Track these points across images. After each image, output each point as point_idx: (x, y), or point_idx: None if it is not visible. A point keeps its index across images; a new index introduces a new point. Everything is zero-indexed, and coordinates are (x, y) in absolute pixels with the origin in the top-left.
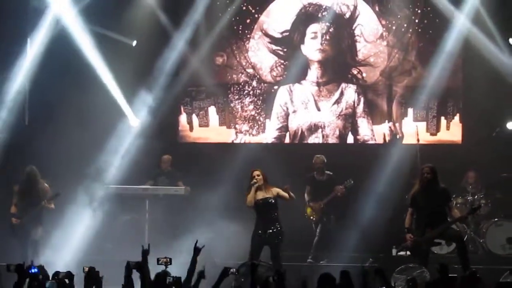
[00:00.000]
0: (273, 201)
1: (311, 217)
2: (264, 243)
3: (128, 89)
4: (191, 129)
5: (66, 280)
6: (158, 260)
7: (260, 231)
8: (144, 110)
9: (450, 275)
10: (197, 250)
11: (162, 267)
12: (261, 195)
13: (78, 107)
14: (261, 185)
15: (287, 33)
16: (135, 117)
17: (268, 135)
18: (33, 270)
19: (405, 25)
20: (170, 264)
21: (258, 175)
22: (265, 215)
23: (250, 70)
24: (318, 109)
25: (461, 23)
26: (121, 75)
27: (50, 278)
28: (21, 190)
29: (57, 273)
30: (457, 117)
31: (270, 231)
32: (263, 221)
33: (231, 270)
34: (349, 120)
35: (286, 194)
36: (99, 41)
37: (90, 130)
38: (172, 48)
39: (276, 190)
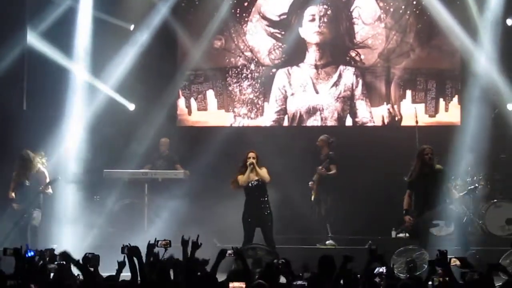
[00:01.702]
0: (264, 183)
1: (311, 197)
2: (256, 225)
3: (127, 74)
4: (190, 113)
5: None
6: (157, 242)
7: (252, 213)
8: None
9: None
10: (185, 243)
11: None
12: (253, 177)
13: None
14: (254, 167)
15: (285, 16)
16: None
17: (267, 118)
18: (29, 254)
19: (403, 6)
20: (170, 246)
21: (253, 157)
22: (257, 197)
23: (248, 53)
24: (317, 92)
25: None
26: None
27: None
28: (18, 176)
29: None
30: (455, 99)
31: (263, 213)
32: (254, 203)
33: (228, 251)
34: (348, 103)
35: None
36: (98, 26)
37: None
38: (168, 32)
39: (264, 171)
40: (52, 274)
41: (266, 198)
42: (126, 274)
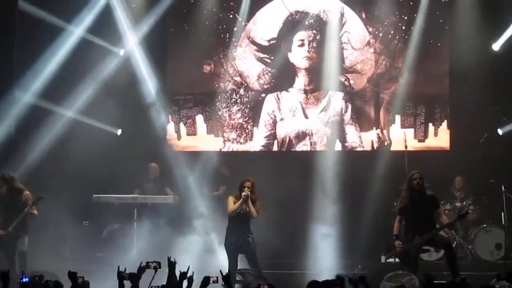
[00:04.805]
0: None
1: None
2: (239, 251)
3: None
4: (179, 137)
5: None
6: (147, 264)
7: (234, 240)
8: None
9: (438, 281)
10: (171, 265)
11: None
12: (244, 206)
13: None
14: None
15: (274, 41)
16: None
17: (256, 143)
18: (24, 280)
19: (392, 32)
20: (160, 268)
21: (248, 187)
22: (242, 224)
23: (238, 78)
24: (306, 117)
25: None
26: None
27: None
28: (1, 199)
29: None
30: (444, 123)
31: (246, 239)
32: (238, 229)
33: (212, 278)
34: (337, 128)
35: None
36: (88, 47)
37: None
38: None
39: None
40: None
41: (249, 224)
42: None
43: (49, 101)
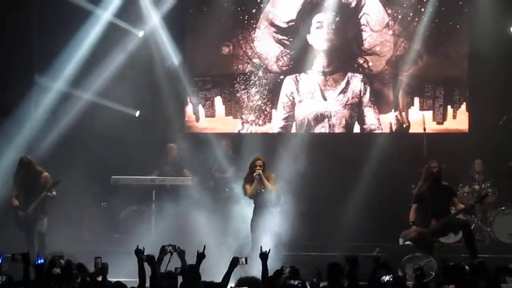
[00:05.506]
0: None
1: None
2: (264, 230)
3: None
4: (197, 119)
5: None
6: (163, 247)
7: (259, 222)
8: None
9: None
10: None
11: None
12: (260, 186)
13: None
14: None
15: (293, 23)
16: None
17: (275, 125)
18: (39, 261)
19: (411, 14)
20: (175, 251)
21: (260, 166)
22: (264, 206)
23: (256, 60)
24: (325, 99)
25: None
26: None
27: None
28: (20, 181)
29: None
30: (463, 106)
31: (269, 219)
32: (262, 211)
33: (241, 259)
34: (356, 110)
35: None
36: (108, 30)
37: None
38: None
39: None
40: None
41: (272, 206)
42: (131, 280)
43: (68, 84)
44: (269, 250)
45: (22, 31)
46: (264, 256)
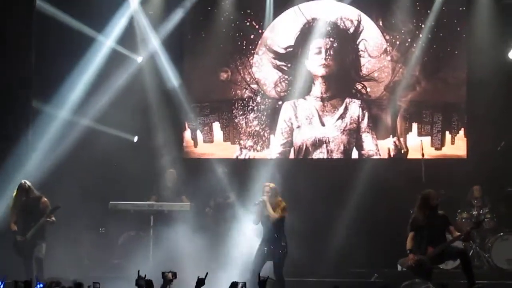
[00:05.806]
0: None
1: None
2: (267, 258)
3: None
4: (196, 145)
5: None
6: (163, 274)
7: (265, 247)
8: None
9: None
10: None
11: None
12: (263, 212)
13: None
14: (267, 201)
15: (291, 49)
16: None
17: (273, 151)
18: (38, 286)
19: (409, 39)
20: (176, 278)
21: (267, 192)
22: (270, 232)
23: (254, 86)
24: (323, 124)
25: None
26: (126, 91)
27: None
28: (19, 206)
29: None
30: (461, 132)
31: (276, 249)
32: (267, 237)
33: (240, 284)
34: (354, 135)
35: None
36: (107, 56)
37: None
38: (174, 63)
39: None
40: None
41: (278, 234)
42: None
43: (66, 109)
44: (267, 277)
45: (21, 56)
46: (262, 283)
